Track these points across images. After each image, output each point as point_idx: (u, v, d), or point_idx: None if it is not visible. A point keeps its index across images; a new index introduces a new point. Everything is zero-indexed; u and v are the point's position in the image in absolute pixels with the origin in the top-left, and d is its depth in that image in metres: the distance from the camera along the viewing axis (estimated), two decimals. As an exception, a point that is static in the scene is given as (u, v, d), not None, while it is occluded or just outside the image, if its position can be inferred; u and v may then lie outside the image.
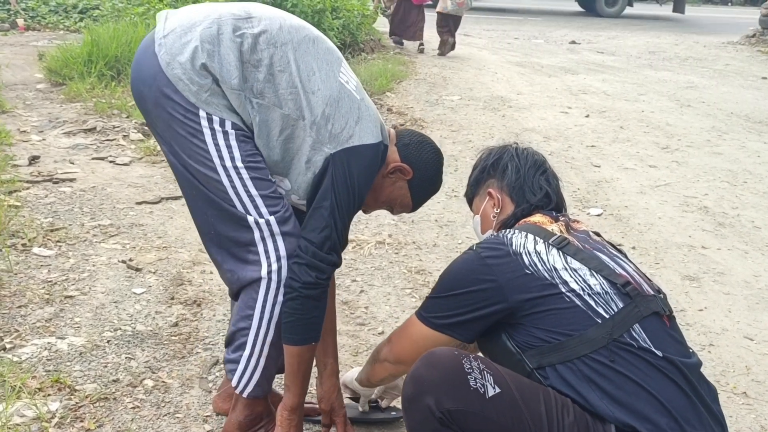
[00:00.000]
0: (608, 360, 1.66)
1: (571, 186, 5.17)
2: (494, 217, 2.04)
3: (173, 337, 2.87)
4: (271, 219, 1.97)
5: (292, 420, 2.11)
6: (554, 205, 2.01)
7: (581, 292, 1.71)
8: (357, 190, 2.03)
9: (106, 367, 2.63)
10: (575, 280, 1.72)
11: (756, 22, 14.94)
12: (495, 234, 1.89)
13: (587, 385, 1.67)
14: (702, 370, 1.78)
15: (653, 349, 1.68)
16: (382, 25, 12.71)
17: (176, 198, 4.37)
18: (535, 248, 1.77)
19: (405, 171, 2.19)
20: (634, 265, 1.86)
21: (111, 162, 5.05)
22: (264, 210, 1.98)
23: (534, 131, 6.71)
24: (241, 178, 1.95)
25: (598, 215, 4.65)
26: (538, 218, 1.91)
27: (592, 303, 1.70)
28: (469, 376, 1.63)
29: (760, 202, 5.03)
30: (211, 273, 3.45)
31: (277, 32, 1.98)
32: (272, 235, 1.98)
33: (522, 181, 2.01)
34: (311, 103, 1.99)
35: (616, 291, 1.72)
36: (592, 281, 1.73)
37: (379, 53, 10.55)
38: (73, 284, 3.23)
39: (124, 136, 5.62)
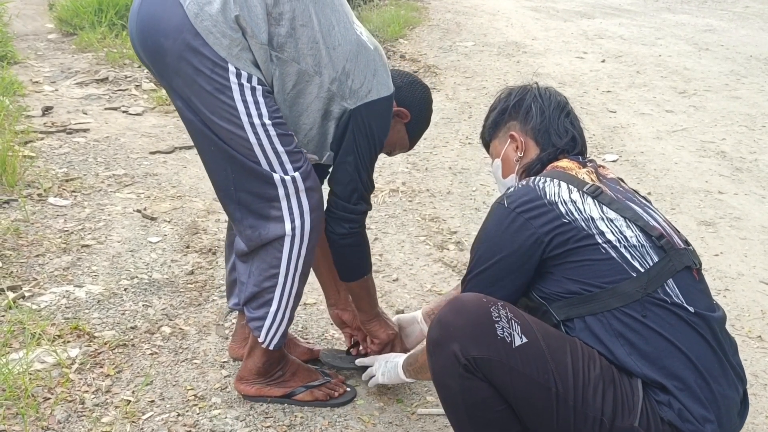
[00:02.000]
0: (640, 315, 1.64)
1: (586, 132, 5.01)
2: (517, 161, 1.96)
3: (189, 285, 2.90)
4: (297, 175, 1.97)
5: (373, 329, 2.34)
6: (580, 148, 1.95)
7: (617, 244, 1.67)
8: (377, 140, 2.10)
9: (123, 314, 2.67)
10: (612, 231, 1.68)
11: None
12: (523, 183, 1.80)
13: (616, 340, 1.66)
14: (711, 292, 1.78)
15: (686, 305, 1.65)
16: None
17: (189, 147, 4.36)
18: (570, 197, 1.72)
19: (403, 115, 2.24)
20: (662, 215, 1.83)
21: (124, 112, 5.05)
22: (289, 166, 1.96)
23: (549, 77, 6.62)
24: (268, 135, 1.92)
25: (614, 161, 4.61)
26: (565, 163, 1.85)
27: (628, 256, 1.67)
28: (496, 325, 1.61)
29: (779, 147, 4.96)
30: (226, 221, 3.46)
31: None
32: (297, 191, 1.98)
33: (547, 124, 1.93)
34: (333, 59, 1.97)
35: (651, 244, 1.69)
36: (628, 233, 1.68)
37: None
38: (89, 233, 3.26)
39: (137, 86, 5.60)
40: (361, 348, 2.43)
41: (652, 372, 1.62)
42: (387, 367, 2.16)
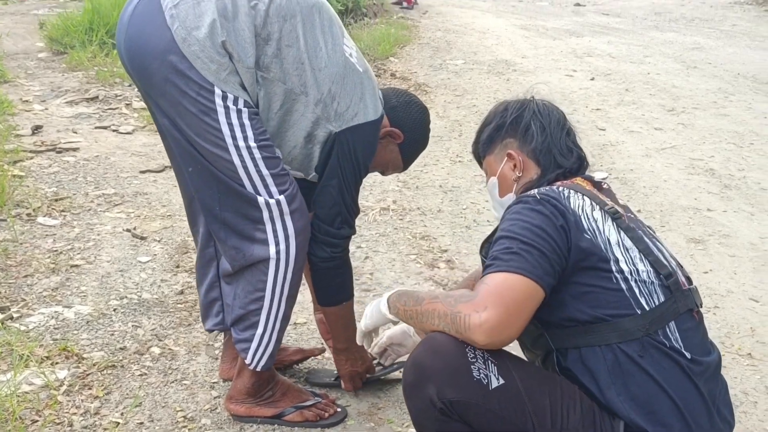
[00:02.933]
0: (637, 354, 1.59)
1: (576, 150, 5.13)
2: (515, 180, 1.87)
3: (179, 305, 2.89)
4: (281, 198, 1.96)
5: (340, 360, 2.34)
6: (586, 168, 1.88)
7: (629, 276, 1.62)
8: (362, 165, 2.10)
9: (113, 335, 2.65)
10: (626, 260, 1.63)
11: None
12: (546, 188, 1.71)
13: (608, 377, 1.60)
14: (707, 332, 1.76)
15: (683, 350, 1.61)
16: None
17: (180, 166, 4.36)
18: (593, 214, 1.65)
19: (396, 135, 2.22)
20: (668, 250, 1.78)
21: (114, 131, 5.04)
22: (274, 189, 1.95)
23: (539, 95, 6.64)
24: (253, 158, 1.91)
25: (604, 178, 4.61)
26: (580, 181, 1.79)
27: (636, 291, 1.62)
28: (472, 366, 1.55)
29: (767, 164, 4.99)
30: (216, 241, 3.46)
31: (286, 2, 1.93)
32: (281, 214, 1.97)
33: (549, 143, 1.84)
34: (318, 81, 1.97)
35: (660, 282, 1.64)
36: (640, 266, 1.63)
37: (382, 18, 10.44)
38: (78, 253, 3.24)
39: (127, 104, 5.60)
40: None
41: (639, 417, 1.58)
42: (369, 311, 1.93)
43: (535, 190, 1.71)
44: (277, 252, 1.99)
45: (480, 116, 5.83)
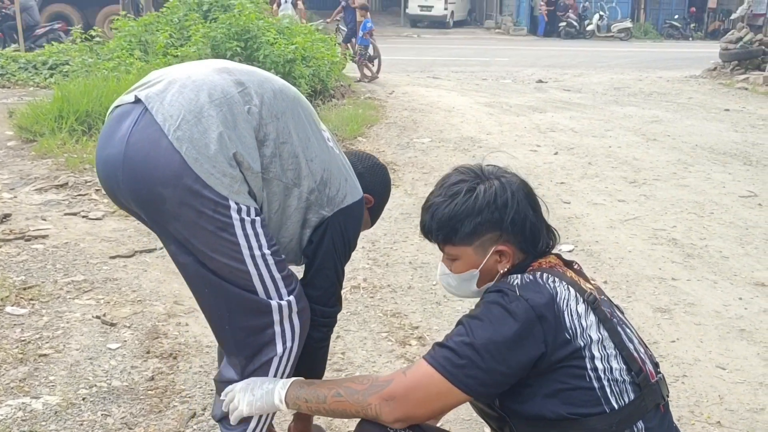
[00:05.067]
0: None
1: (542, 223, 5.23)
2: (504, 273, 1.79)
3: (149, 392, 2.86)
4: (291, 299, 1.97)
5: (293, 426, 2.38)
6: (558, 240, 1.88)
7: (602, 374, 1.62)
8: (352, 242, 2.17)
9: (82, 425, 2.62)
10: (602, 358, 1.63)
11: (716, 56, 15.33)
12: (530, 278, 1.68)
13: None
14: (676, 401, 1.79)
15: None
16: (352, 71, 12.89)
17: (150, 251, 4.37)
18: (576, 309, 1.65)
19: (368, 201, 2.29)
20: (636, 333, 1.79)
21: (84, 217, 5.05)
22: (284, 291, 1.96)
23: (498, 161, 6.79)
24: (267, 265, 1.91)
25: (570, 251, 4.71)
26: (555, 260, 1.78)
27: (608, 390, 1.62)
28: None
29: (727, 232, 5.12)
30: (187, 325, 3.46)
31: (273, 101, 1.93)
32: (290, 314, 1.98)
33: (536, 231, 1.79)
34: (311, 170, 1.99)
35: (631, 379, 1.65)
36: (614, 364, 1.64)
37: (349, 99, 10.66)
38: (47, 342, 3.22)
39: (97, 190, 5.62)
40: None
41: None
42: (256, 394, 1.91)
43: (517, 282, 1.68)
44: (284, 350, 2.00)
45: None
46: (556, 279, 1.68)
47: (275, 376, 2.00)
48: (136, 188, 1.83)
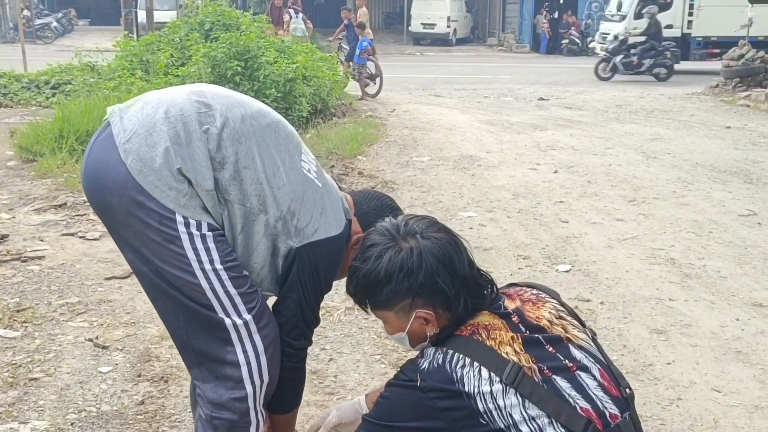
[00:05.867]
0: None
1: (539, 243, 5.23)
2: (430, 336, 1.78)
3: (139, 416, 2.85)
4: (249, 318, 1.96)
5: None
6: (496, 294, 1.82)
7: None
8: (324, 279, 2.10)
9: (69, 450, 2.60)
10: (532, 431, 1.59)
11: (719, 73, 15.37)
12: (439, 362, 1.66)
13: None
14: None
15: None
16: (354, 89, 12.93)
17: (145, 272, 4.37)
18: (491, 390, 1.60)
19: None
20: (601, 365, 1.72)
21: (81, 237, 5.05)
22: (242, 308, 1.96)
23: (503, 189, 6.80)
24: (220, 280, 1.92)
25: (567, 271, 4.70)
26: (488, 320, 1.72)
27: None
28: None
29: (726, 252, 5.10)
30: (179, 347, 3.44)
31: (240, 125, 1.94)
32: (250, 334, 1.97)
33: (459, 291, 1.74)
34: (277, 199, 1.98)
35: None
36: None
37: (350, 117, 10.69)
38: (38, 366, 3.21)
39: (95, 210, 5.63)
40: None
41: None
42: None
43: (425, 366, 1.67)
44: (249, 371, 1.98)
45: (445, 212, 5.96)
46: (467, 361, 1.63)
47: (245, 395, 1.99)
48: (91, 196, 1.95)
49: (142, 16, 16.97)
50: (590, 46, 27.26)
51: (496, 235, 5.42)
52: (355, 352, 3.53)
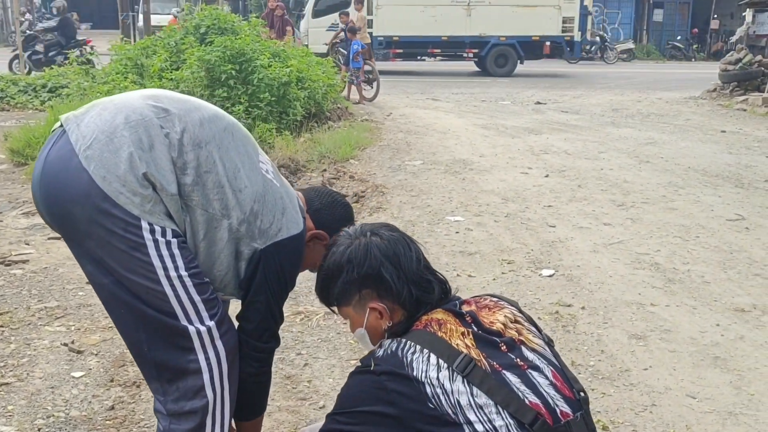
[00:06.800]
0: None
1: (525, 247, 5.22)
2: (386, 330, 1.83)
3: (107, 422, 2.85)
4: (212, 324, 1.97)
5: None
6: (449, 293, 1.88)
7: None
8: (288, 278, 2.13)
9: (35, 455, 2.60)
10: (481, 420, 1.59)
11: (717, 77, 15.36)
12: (393, 348, 1.71)
13: None
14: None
15: None
16: (352, 93, 12.93)
17: (127, 276, 4.37)
18: (438, 376, 1.63)
19: (322, 237, 2.24)
20: (554, 367, 1.74)
21: (66, 241, 5.05)
22: (205, 315, 1.96)
23: (492, 193, 6.79)
24: (184, 286, 1.91)
25: (550, 276, 4.69)
26: (440, 315, 1.77)
27: None
28: None
29: (711, 257, 5.09)
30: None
31: (198, 130, 1.94)
32: (212, 340, 1.97)
33: (407, 285, 1.81)
34: (240, 201, 1.98)
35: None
36: (498, 422, 1.60)
37: (346, 121, 10.68)
38: (10, 370, 3.21)
39: (82, 214, 5.64)
40: None
41: None
42: None
43: (380, 353, 1.71)
44: (211, 378, 1.98)
45: (433, 216, 5.96)
46: (417, 348, 1.68)
47: (206, 402, 1.98)
48: (49, 206, 1.90)
49: (141, 19, 17.02)
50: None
51: (482, 239, 5.41)
52: (331, 357, 3.52)
